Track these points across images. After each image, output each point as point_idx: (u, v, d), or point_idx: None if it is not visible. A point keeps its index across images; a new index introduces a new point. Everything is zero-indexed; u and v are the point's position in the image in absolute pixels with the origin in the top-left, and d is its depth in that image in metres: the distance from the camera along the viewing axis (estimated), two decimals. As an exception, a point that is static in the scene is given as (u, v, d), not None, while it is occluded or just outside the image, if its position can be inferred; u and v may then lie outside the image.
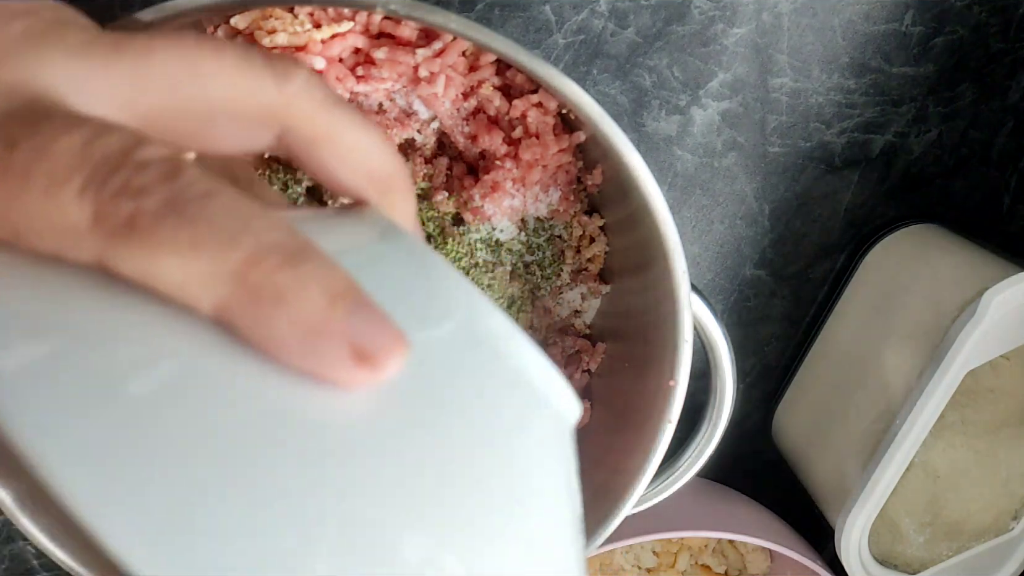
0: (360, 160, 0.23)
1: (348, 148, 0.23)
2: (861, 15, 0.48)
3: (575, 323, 0.46)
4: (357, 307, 0.18)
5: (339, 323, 0.18)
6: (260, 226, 0.18)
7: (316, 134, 0.22)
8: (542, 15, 0.46)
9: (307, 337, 0.18)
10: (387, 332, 0.18)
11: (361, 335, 0.18)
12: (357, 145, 0.23)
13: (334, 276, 0.18)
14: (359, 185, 0.24)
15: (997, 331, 0.45)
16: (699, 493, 0.56)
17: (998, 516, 0.53)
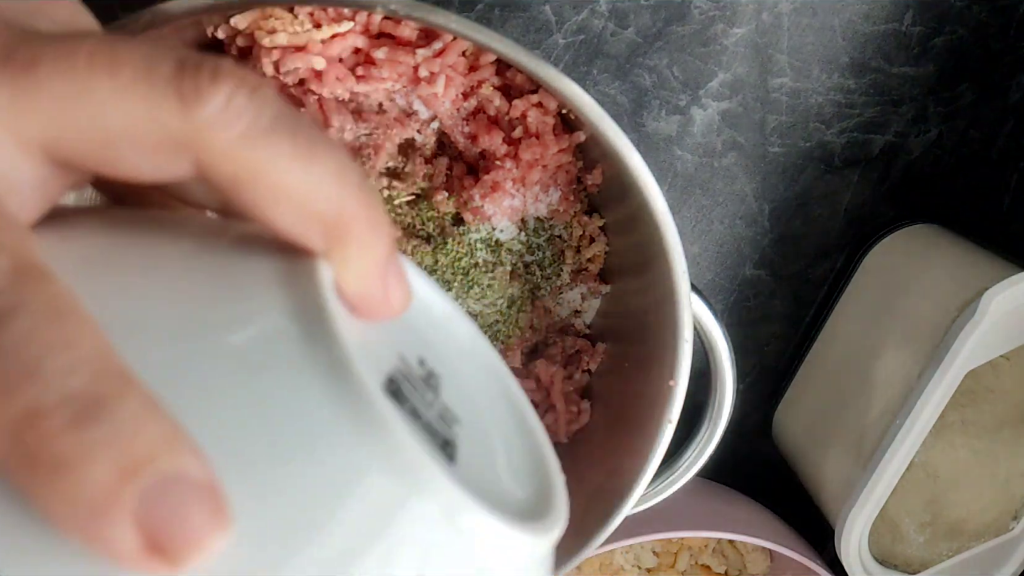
0: (300, 202, 0.18)
1: (282, 188, 0.18)
2: (861, 15, 0.48)
3: (575, 323, 0.46)
4: (159, 483, 0.15)
5: (126, 504, 0.15)
6: (55, 368, 0.15)
7: (235, 172, 0.18)
8: (542, 15, 0.46)
9: (88, 516, 0.15)
10: (195, 518, 0.15)
11: (157, 520, 0.15)
12: (295, 184, 0.18)
13: (135, 440, 0.15)
14: (300, 232, 0.19)
15: (997, 331, 0.45)
16: (699, 493, 0.56)
17: (998, 516, 0.53)
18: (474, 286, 0.42)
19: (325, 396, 0.17)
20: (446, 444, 0.20)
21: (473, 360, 0.24)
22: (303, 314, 0.18)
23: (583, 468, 0.44)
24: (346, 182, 0.19)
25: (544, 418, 0.46)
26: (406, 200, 0.41)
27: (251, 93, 0.17)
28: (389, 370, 0.20)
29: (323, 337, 0.17)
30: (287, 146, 0.18)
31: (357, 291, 0.20)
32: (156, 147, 0.18)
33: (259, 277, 0.19)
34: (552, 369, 0.45)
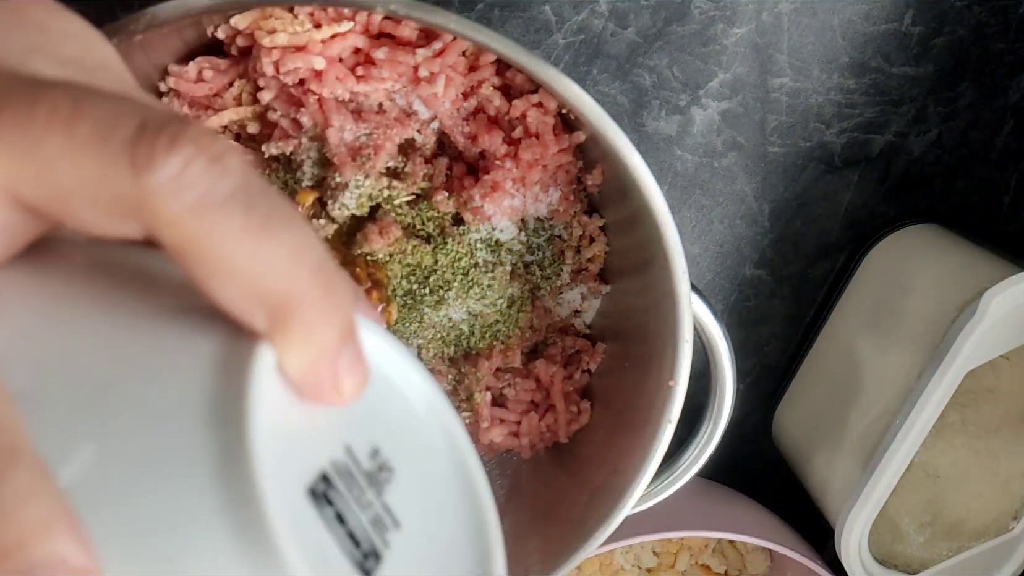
0: (245, 280, 0.17)
1: (226, 264, 0.17)
2: (861, 15, 0.48)
3: (575, 323, 0.46)
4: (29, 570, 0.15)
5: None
6: None
7: (181, 243, 0.17)
8: (542, 15, 0.46)
9: None
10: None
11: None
12: (241, 261, 0.17)
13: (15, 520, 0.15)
14: (242, 311, 0.18)
15: (997, 331, 0.45)
16: (699, 493, 0.56)
17: (998, 516, 0.53)
18: (474, 286, 0.42)
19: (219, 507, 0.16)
20: (368, 556, 0.19)
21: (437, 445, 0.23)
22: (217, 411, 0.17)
23: (583, 468, 0.44)
24: (300, 263, 0.18)
25: (544, 418, 0.46)
26: (406, 200, 0.41)
27: (209, 163, 0.17)
28: (323, 466, 0.19)
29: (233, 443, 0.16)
30: (238, 220, 0.17)
31: (302, 376, 0.19)
32: (107, 207, 0.17)
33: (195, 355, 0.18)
34: (552, 369, 0.45)
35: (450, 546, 0.22)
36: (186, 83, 0.39)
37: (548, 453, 0.47)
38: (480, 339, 0.44)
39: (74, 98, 0.17)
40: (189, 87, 0.39)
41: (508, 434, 0.46)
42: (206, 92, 0.39)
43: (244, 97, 0.40)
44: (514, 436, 0.46)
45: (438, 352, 0.44)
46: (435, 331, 0.43)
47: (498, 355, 0.44)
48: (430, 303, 0.42)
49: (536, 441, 0.46)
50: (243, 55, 0.39)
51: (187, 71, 0.39)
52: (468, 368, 0.44)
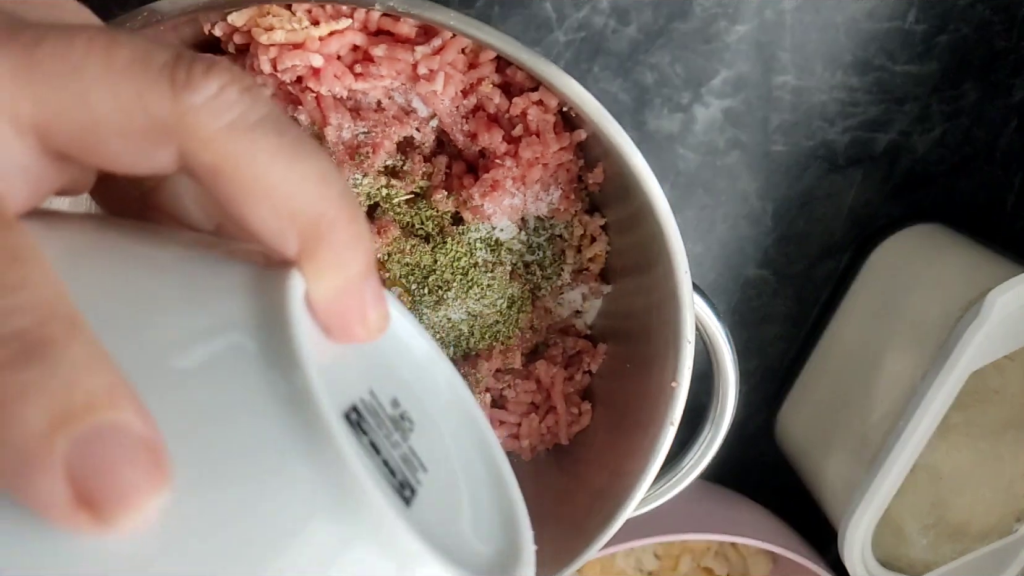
0: (279, 199, 0.18)
1: (261, 183, 0.18)
2: (864, 12, 0.48)
3: (576, 323, 0.46)
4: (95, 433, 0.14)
5: (56, 452, 0.14)
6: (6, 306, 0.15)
7: (218, 163, 0.18)
8: (543, 12, 0.46)
9: (16, 460, 0.14)
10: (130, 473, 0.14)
11: (89, 471, 0.14)
12: (275, 180, 0.18)
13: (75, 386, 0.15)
14: (275, 232, 0.18)
15: (1001, 332, 0.45)
16: (701, 495, 0.55)
17: (1002, 518, 0.53)
18: (474, 286, 0.42)
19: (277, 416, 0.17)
20: (404, 486, 0.19)
21: (451, 410, 0.23)
22: (264, 326, 0.17)
23: (584, 470, 0.44)
24: (329, 187, 0.18)
25: (545, 420, 0.46)
26: (405, 199, 0.40)
27: (243, 89, 0.18)
28: (354, 400, 0.19)
29: (280, 352, 0.17)
30: (272, 142, 0.18)
31: (330, 305, 0.19)
32: (142, 133, 0.17)
33: (230, 287, 0.18)
34: (553, 370, 0.45)
35: (473, 491, 0.22)
36: (183, 81, 0.39)
37: (549, 455, 0.47)
38: (480, 340, 0.44)
39: (109, 31, 0.18)
40: (186, 85, 0.39)
41: (508, 436, 0.46)
42: (203, 90, 0.39)
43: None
44: (514, 438, 0.46)
45: (437, 353, 0.44)
46: (434, 332, 0.43)
47: (498, 356, 0.43)
48: (429, 303, 0.42)
49: (537, 443, 0.46)
50: (240, 53, 0.39)
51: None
52: (468, 369, 0.44)
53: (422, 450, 0.21)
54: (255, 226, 0.18)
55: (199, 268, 0.19)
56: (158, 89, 0.17)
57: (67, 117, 0.17)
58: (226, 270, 0.19)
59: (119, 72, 0.17)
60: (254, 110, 0.18)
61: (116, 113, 0.17)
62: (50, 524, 0.14)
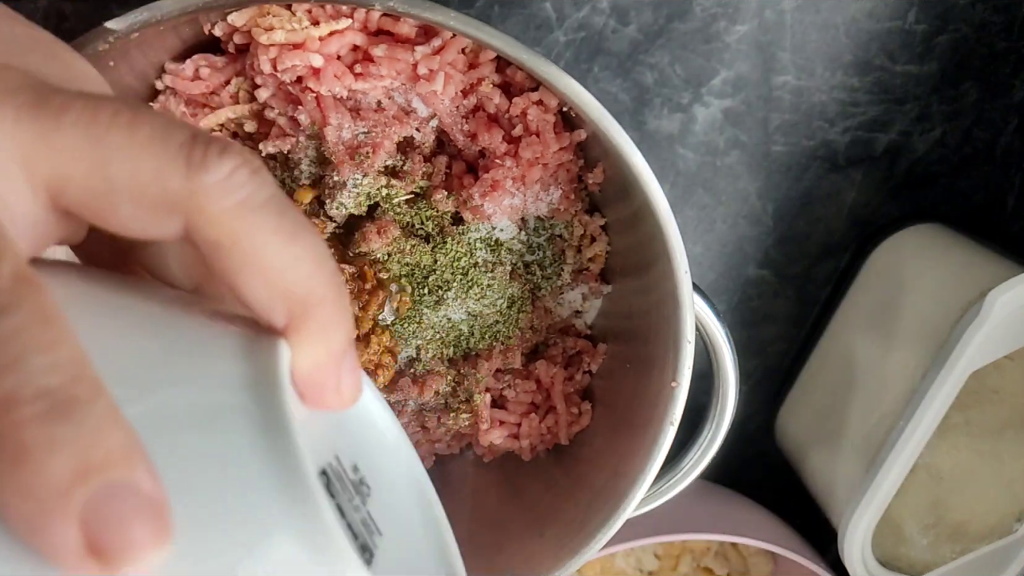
0: (273, 275, 0.20)
1: (258, 261, 0.19)
2: (864, 12, 0.48)
3: (576, 323, 0.46)
4: (110, 489, 0.16)
5: (75, 503, 0.15)
6: (36, 364, 0.16)
7: (220, 238, 0.19)
8: (542, 12, 0.46)
9: (36, 508, 0.15)
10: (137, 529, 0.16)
11: (101, 523, 0.15)
12: (272, 257, 0.19)
13: (97, 443, 0.16)
14: (266, 304, 0.20)
15: (1001, 332, 0.45)
16: (701, 495, 0.55)
17: (1002, 518, 0.53)
18: (474, 286, 0.42)
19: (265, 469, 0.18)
20: (364, 549, 0.20)
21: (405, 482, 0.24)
22: (257, 385, 0.19)
23: (584, 470, 0.44)
24: (321, 268, 0.20)
25: (545, 420, 0.46)
26: (405, 199, 0.40)
27: (252, 172, 0.19)
28: (322, 463, 0.20)
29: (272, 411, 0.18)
30: (274, 222, 0.19)
31: (309, 375, 0.21)
32: (154, 204, 0.19)
33: (224, 346, 0.20)
34: (553, 370, 0.45)
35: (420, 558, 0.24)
36: (183, 81, 0.39)
37: (549, 455, 0.47)
38: (480, 340, 0.44)
39: (132, 106, 0.19)
40: (186, 85, 0.39)
41: (508, 436, 0.46)
42: (203, 90, 0.39)
43: (241, 95, 0.40)
44: (514, 438, 0.46)
45: (437, 353, 0.44)
46: (434, 332, 0.43)
47: (498, 356, 0.43)
48: (429, 303, 0.42)
49: (537, 443, 0.46)
50: (240, 53, 0.39)
51: (184, 69, 0.39)
52: (468, 369, 0.44)
53: (377, 514, 0.22)
54: (247, 297, 0.20)
55: (191, 327, 0.20)
56: (175, 166, 0.19)
57: (83, 183, 0.19)
58: (217, 332, 0.20)
59: (140, 146, 0.18)
60: (261, 192, 0.19)
61: (132, 184, 0.19)
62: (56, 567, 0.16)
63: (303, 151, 0.39)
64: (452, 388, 0.44)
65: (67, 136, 0.18)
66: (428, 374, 0.44)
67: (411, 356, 0.44)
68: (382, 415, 0.24)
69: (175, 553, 0.16)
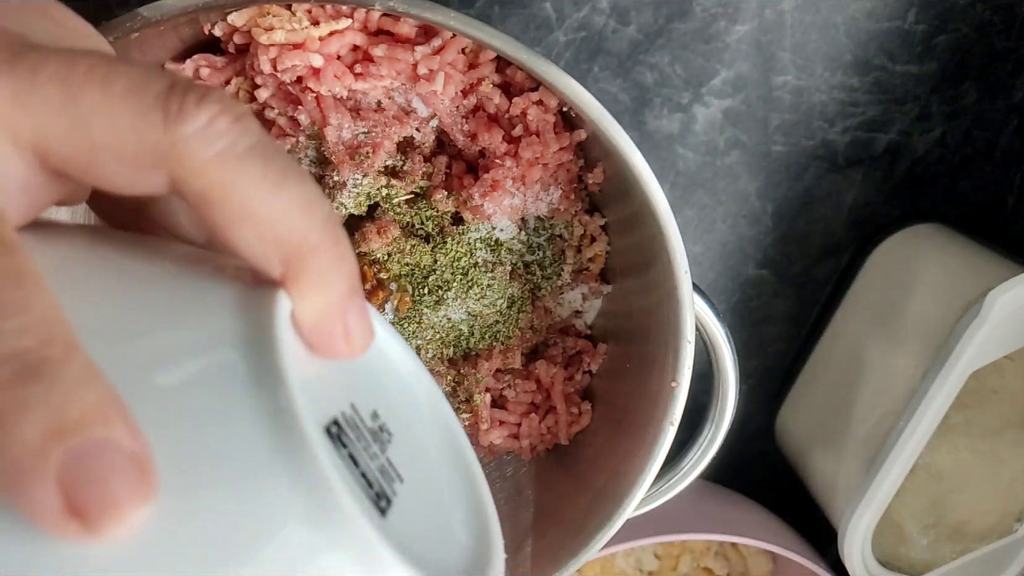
0: (263, 225, 0.19)
1: (246, 209, 0.19)
2: (864, 12, 0.48)
3: (576, 323, 0.46)
4: (87, 448, 0.15)
5: (51, 464, 0.15)
6: (6, 328, 0.16)
7: (206, 190, 0.19)
8: (543, 12, 0.46)
9: (12, 470, 0.15)
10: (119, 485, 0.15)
11: (80, 483, 0.15)
12: (260, 206, 0.19)
13: (70, 403, 0.15)
14: (260, 255, 0.19)
15: (1001, 332, 0.45)
16: (701, 495, 0.55)
17: (1002, 518, 0.53)
18: (474, 286, 0.42)
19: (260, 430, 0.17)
20: (380, 497, 0.20)
21: (430, 421, 0.24)
22: (250, 345, 0.18)
23: (584, 470, 0.44)
24: (312, 213, 0.19)
25: (545, 420, 0.46)
26: (405, 199, 0.40)
27: (233, 119, 0.19)
28: (335, 413, 0.20)
29: (265, 367, 0.18)
30: (258, 170, 0.19)
31: (313, 325, 0.20)
32: (135, 158, 0.18)
33: (218, 305, 0.19)
34: (553, 370, 0.45)
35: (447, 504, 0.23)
36: (183, 81, 0.39)
37: (549, 455, 0.47)
38: (480, 340, 0.44)
39: (108, 60, 0.18)
40: (186, 85, 0.39)
41: (508, 436, 0.46)
42: (203, 90, 0.39)
43: (241, 95, 0.40)
44: (514, 438, 0.46)
45: (437, 353, 0.44)
46: (434, 332, 0.43)
47: (498, 356, 0.43)
48: (429, 303, 0.42)
49: (537, 443, 0.46)
50: (240, 53, 0.39)
51: (184, 69, 0.39)
52: (468, 369, 0.44)
53: (399, 461, 0.21)
54: (241, 250, 0.19)
55: (189, 284, 0.20)
56: (152, 118, 0.18)
57: (65, 140, 0.18)
58: (215, 287, 0.20)
59: (116, 100, 0.18)
60: (243, 139, 0.19)
61: (112, 139, 0.18)
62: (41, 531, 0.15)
63: (303, 151, 0.39)
64: (452, 388, 0.44)
65: (43, 94, 0.18)
66: (428, 374, 0.44)
67: (411, 356, 0.44)
68: (402, 356, 0.24)
69: (162, 512, 0.16)
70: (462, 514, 0.23)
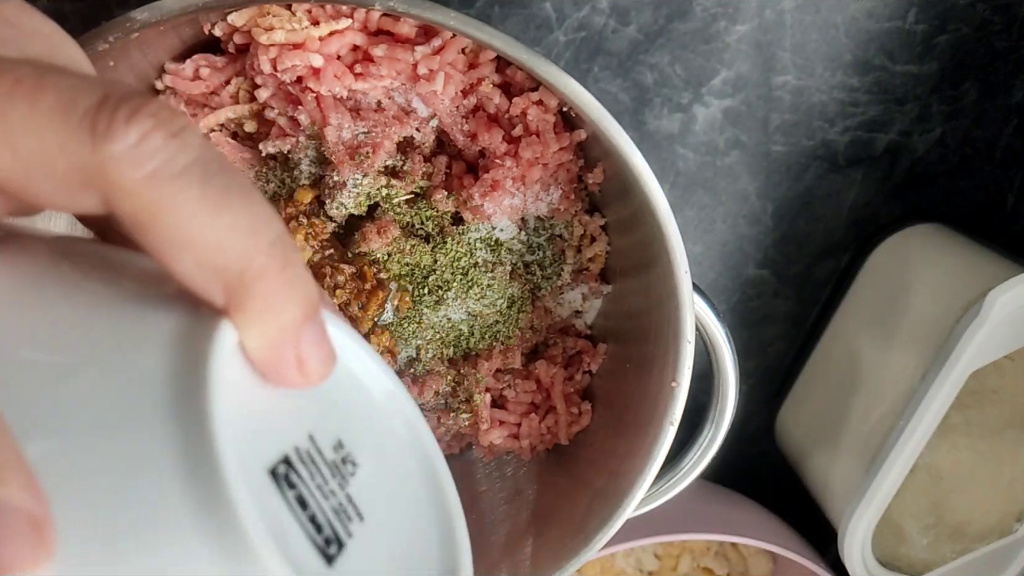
0: (201, 252, 0.18)
1: (183, 236, 0.17)
2: (864, 12, 0.48)
3: (576, 323, 0.46)
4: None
5: None
6: None
7: (137, 213, 0.17)
8: (543, 12, 0.46)
9: None
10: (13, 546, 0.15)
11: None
12: (197, 232, 0.17)
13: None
14: (200, 283, 0.18)
15: (1001, 332, 0.45)
16: (701, 495, 0.55)
17: (1002, 518, 0.53)
18: (474, 286, 0.42)
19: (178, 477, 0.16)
20: (330, 543, 0.19)
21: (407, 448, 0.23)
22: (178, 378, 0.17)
23: (584, 470, 0.44)
24: (258, 235, 0.18)
25: (544, 420, 0.46)
26: (405, 199, 0.40)
27: (168, 136, 0.17)
28: (286, 450, 0.19)
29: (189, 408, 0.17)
30: (195, 191, 0.17)
31: (261, 355, 0.19)
32: (65, 178, 0.17)
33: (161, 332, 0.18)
34: (553, 370, 0.45)
35: (415, 541, 0.22)
36: (183, 81, 0.39)
37: (549, 455, 0.47)
38: (480, 340, 0.44)
39: (39, 71, 0.17)
40: (186, 85, 0.39)
41: (508, 436, 0.46)
42: (203, 90, 0.39)
43: (241, 95, 0.40)
44: (514, 438, 0.46)
45: (437, 353, 0.44)
46: (434, 332, 0.43)
47: (498, 356, 0.43)
48: (429, 303, 0.42)
49: (536, 443, 0.46)
50: (240, 53, 0.39)
51: (184, 69, 0.39)
52: (468, 369, 0.44)
53: (363, 495, 0.20)
54: (180, 276, 0.18)
55: (138, 310, 0.18)
56: (79, 138, 0.17)
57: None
58: (164, 316, 0.18)
59: (42, 117, 0.17)
60: (179, 157, 0.17)
61: (39, 158, 0.17)
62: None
63: (303, 151, 0.39)
64: (452, 388, 0.44)
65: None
66: (428, 374, 0.44)
67: (411, 356, 0.44)
68: (376, 377, 0.22)
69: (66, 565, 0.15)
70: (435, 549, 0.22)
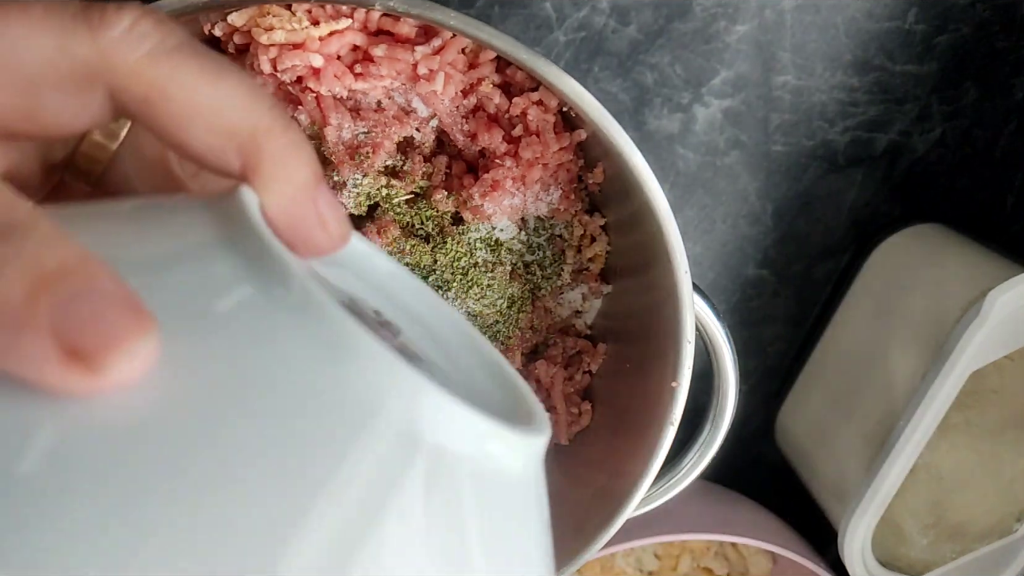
0: (211, 118, 0.19)
1: (192, 105, 0.19)
2: (864, 12, 0.48)
3: (576, 323, 0.46)
4: (74, 293, 0.15)
5: (40, 315, 0.14)
6: None
7: (146, 91, 0.18)
8: (543, 12, 0.46)
9: (3, 332, 0.14)
10: (114, 322, 0.15)
11: (74, 329, 0.14)
12: (204, 99, 0.19)
13: (45, 256, 0.15)
14: (216, 151, 0.19)
15: (1001, 332, 0.45)
16: (701, 495, 0.55)
17: (1002, 518, 0.53)
18: (474, 286, 0.42)
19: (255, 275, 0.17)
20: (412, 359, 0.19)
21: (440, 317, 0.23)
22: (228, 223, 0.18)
23: (584, 470, 0.44)
24: (258, 100, 0.19)
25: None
26: (405, 199, 0.40)
27: (156, 21, 0.19)
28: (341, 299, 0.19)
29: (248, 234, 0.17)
30: (194, 64, 0.19)
31: (284, 214, 0.19)
32: (72, 79, 0.18)
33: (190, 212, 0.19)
34: (553, 370, 0.45)
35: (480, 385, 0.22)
36: (182, 81, 0.39)
37: (548, 455, 0.46)
38: (480, 340, 0.44)
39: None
40: (186, 85, 0.39)
41: (508, 436, 0.46)
42: (203, 90, 0.39)
43: (241, 95, 0.40)
44: (514, 438, 0.46)
45: (437, 353, 0.44)
46: (434, 332, 0.43)
47: (498, 356, 0.43)
48: (429, 303, 0.42)
49: (536, 443, 0.46)
50: (240, 53, 0.39)
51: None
52: (468, 369, 0.44)
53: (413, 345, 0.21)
54: (196, 149, 0.19)
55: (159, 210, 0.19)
56: (77, 33, 0.18)
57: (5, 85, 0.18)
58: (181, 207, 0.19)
59: (37, 24, 0.18)
60: (170, 38, 0.19)
61: (43, 67, 0.18)
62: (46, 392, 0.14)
63: (303, 151, 0.39)
64: (452, 388, 0.44)
65: None
66: (428, 374, 0.44)
67: (411, 356, 0.44)
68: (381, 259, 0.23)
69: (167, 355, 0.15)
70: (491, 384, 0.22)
